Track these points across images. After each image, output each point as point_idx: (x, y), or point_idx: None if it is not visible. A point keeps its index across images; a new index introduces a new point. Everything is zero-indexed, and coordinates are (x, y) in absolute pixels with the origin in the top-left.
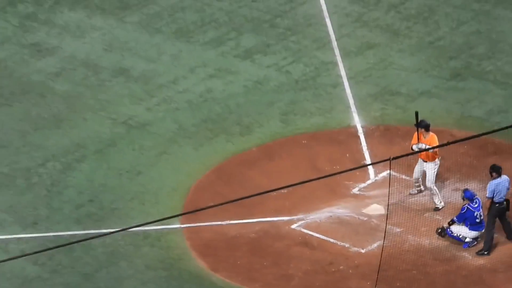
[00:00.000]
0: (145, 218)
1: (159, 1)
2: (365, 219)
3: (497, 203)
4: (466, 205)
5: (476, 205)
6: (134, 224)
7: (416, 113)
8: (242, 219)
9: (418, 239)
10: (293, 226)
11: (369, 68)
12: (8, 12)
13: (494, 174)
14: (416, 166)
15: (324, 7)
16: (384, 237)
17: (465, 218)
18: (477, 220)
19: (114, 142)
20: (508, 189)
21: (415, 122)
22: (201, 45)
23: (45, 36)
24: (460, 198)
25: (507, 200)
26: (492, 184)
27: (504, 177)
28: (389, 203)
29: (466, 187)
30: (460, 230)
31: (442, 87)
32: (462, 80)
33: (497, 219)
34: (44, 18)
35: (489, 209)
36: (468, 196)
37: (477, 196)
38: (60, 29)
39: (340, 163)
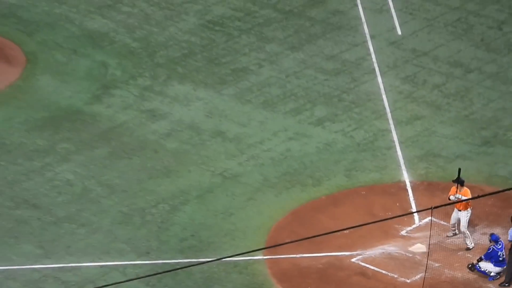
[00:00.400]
0: (235, 250)
1: (250, 78)
2: (410, 255)
3: None
4: (492, 246)
5: (500, 246)
6: (226, 255)
7: (459, 170)
8: (312, 253)
9: (453, 273)
10: (353, 260)
11: (416, 135)
12: (130, 84)
13: None
14: (453, 213)
15: (381, 86)
16: (426, 270)
17: (491, 256)
18: (500, 259)
19: (211, 189)
20: None
21: (455, 178)
22: (282, 114)
23: (159, 104)
24: (487, 240)
25: None
26: None
27: None
28: (430, 243)
29: (492, 232)
30: (486, 266)
31: (475, 152)
32: (491, 147)
33: None
34: (158, 90)
35: (510, 249)
36: (494, 239)
37: (501, 239)
38: (171, 98)
39: (391, 210)
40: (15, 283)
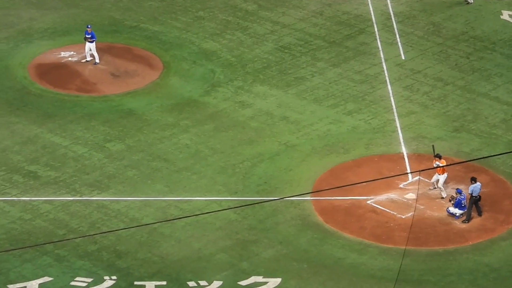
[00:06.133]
0: (292, 193)
1: (306, 83)
2: (405, 200)
3: (474, 196)
4: (458, 197)
5: (462, 197)
6: (287, 196)
7: (433, 147)
8: (341, 197)
9: (432, 213)
10: (368, 202)
11: (411, 124)
12: (229, 84)
13: (472, 181)
14: (434, 175)
15: (390, 92)
16: (414, 210)
17: (457, 204)
18: (463, 205)
19: (278, 153)
20: (480, 190)
21: (434, 154)
22: (326, 107)
23: (247, 97)
24: (454, 193)
25: (480, 196)
26: (471, 187)
27: (478, 183)
28: (418, 193)
29: (458, 187)
30: (454, 210)
31: (448, 136)
32: (459, 133)
33: (473, 205)
34: (247, 89)
35: (470, 199)
36: (459, 192)
37: (463, 192)
38: (255, 94)
39: (393, 171)
40: (150, 208)
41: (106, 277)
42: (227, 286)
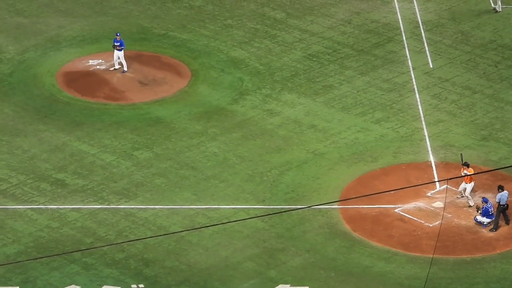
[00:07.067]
0: (320, 201)
1: (334, 91)
2: (432, 209)
3: (501, 205)
4: (484, 205)
5: (489, 205)
6: (314, 204)
7: (461, 155)
8: (369, 205)
9: (459, 221)
10: (395, 210)
11: (439, 132)
12: (257, 92)
13: (499, 190)
14: (461, 184)
15: (418, 100)
16: (442, 219)
17: (484, 213)
18: (490, 213)
19: (306, 162)
20: (507, 198)
21: (462, 162)
22: (354, 115)
23: (275, 106)
24: (481, 201)
25: (507, 204)
26: (499, 195)
27: (506, 192)
28: (445, 202)
29: (484, 196)
30: (481, 219)
31: (476, 144)
32: (487, 141)
33: (501, 213)
34: (275, 97)
35: (497, 208)
36: (485, 201)
37: (490, 201)
38: (283, 103)
39: (421, 179)
40: (178, 216)
41: (134, 286)
42: None
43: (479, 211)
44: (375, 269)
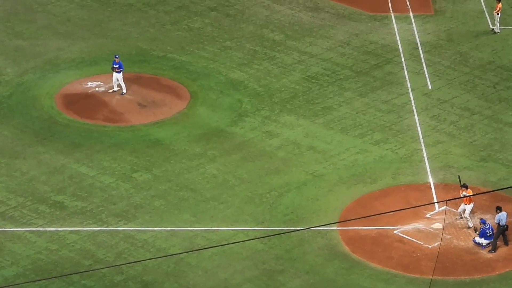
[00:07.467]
0: (319, 223)
1: (333, 113)
2: (432, 230)
3: (501, 226)
4: (482, 227)
5: (487, 227)
6: (314, 226)
7: (459, 177)
8: (369, 226)
9: (458, 242)
10: (395, 232)
11: (438, 153)
12: (256, 114)
13: (498, 211)
14: (461, 205)
15: (417, 121)
16: (441, 240)
17: (482, 234)
18: (488, 235)
19: (305, 183)
20: (506, 218)
21: (461, 184)
22: (353, 136)
23: (274, 127)
24: (478, 223)
25: (507, 225)
26: (497, 216)
27: (504, 212)
28: (444, 223)
29: (482, 217)
30: (480, 240)
31: (475, 165)
32: (486, 162)
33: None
34: (274, 118)
35: (497, 229)
36: (483, 222)
37: (488, 222)
38: (282, 124)
39: (420, 201)
40: (177, 238)
41: None
42: None
43: (477, 232)
44: None
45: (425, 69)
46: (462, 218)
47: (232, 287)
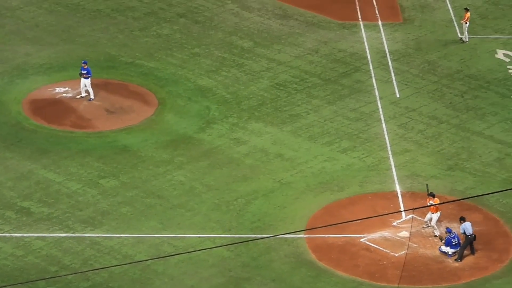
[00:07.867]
0: (286, 230)
1: (301, 120)
2: (398, 238)
3: (468, 235)
4: (447, 236)
5: (453, 235)
6: (280, 233)
7: (427, 185)
8: (335, 234)
9: (425, 251)
10: (361, 240)
11: (406, 162)
12: (224, 121)
13: (461, 221)
14: (428, 214)
15: (385, 130)
16: (407, 248)
17: (448, 243)
18: (454, 244)
19: (273, 191)
20: (471, 228)
21: (428, 193)
22: (321, 144)
23: (242, 134)
24: (444, 232)
25: (475, 235)
26: (462, 226)
27: (468, 222)
28: (411, 231)
29: (448, 226)
30: (446, 249)
31: (442, 174)
32: (453, 171)
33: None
34: (242, 126)
35: (465, 239)
36: (448, 231)
37: (454, 231)
38: (250, 131)
39: (387, 209)
40: (144, 245)
41: None
42: None
43: (443, 241)
44: None
45: (393, 78)
46: (428, 226)
47: None
